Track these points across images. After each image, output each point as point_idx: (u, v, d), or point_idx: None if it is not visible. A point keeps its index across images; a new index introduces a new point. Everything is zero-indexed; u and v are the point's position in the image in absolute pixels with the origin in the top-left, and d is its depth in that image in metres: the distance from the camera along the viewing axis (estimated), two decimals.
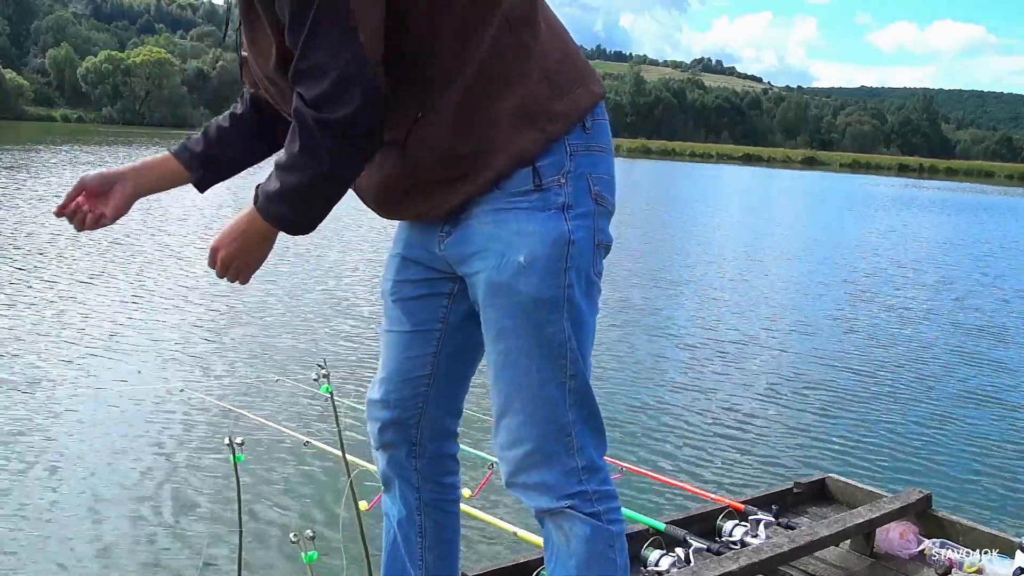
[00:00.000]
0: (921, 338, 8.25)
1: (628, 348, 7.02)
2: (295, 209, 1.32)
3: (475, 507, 2.48)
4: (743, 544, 2.47)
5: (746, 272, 12.14)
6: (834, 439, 5.12)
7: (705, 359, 6.90)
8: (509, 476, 1.47)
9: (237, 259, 1.40)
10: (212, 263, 1.42)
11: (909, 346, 7.86)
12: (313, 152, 1.25)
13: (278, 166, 1.30)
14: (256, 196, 1.35)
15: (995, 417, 5.82)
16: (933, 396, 6.24)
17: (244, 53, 1.44)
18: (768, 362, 6.97)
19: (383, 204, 1.47)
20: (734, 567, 2.07)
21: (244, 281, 1.44)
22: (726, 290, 10.47)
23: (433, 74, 1.32)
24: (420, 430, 1.64)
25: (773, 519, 2.61)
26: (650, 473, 3.39)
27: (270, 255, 1.46)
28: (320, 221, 1.35)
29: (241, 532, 1.97)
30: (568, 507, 1.43)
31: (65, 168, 21.66)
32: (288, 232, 1.36)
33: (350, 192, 1.44)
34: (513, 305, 1.37)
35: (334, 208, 1.36)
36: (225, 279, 1.43)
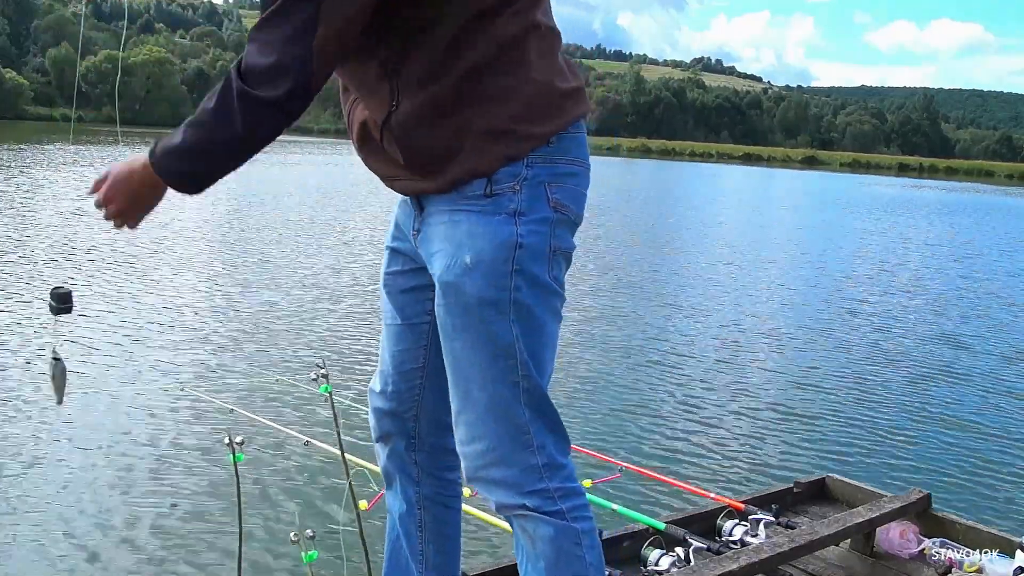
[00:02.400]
0: (922, 338, 8.25)
1: (627, 348, 7.02)
2: (191, 165, 1.35)
3: (475, 506, 2.48)
4: (743, 544, 2.47)
5: (746, 272, 12.14)
6: (834, 439, 5.12)
7: (705, 359, 6.89)
8: (470, 471, 1.50)
9: (120, 203, 1.40)
10: (94, 192, 1.41)
11: (909, 346, 7.85)
12: (226, 116, 1.29)
13: (188, 123, 1.33)
14: (153, 150, 1.35)
15: (996, 417, 5.82)
16: (933, 396, 6.24)
17: None
18: (768, 362, 6.96)
19: (360, 148, 1.52)
20: (734, 567, 2.07)
21: (126, 226, 1.44)
22: (726, 290, 10.46)
23: (414, 71, 1.35)
24: (417, 423, 1.68)
25: (773, 519, 2.61)
26: (650, 473, 3.38)
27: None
28: (207, 186, 1.37)
29: (241, 532, 1.97)
30: (529, 506, 1.45)
31: (67, 167, 21.66)
32: (175, 188, 1.37)
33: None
34: (460, 305, 1.40)
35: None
36: (104, 217, 1.43)
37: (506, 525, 2.50)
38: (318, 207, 16.38)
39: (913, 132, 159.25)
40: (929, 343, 8.03)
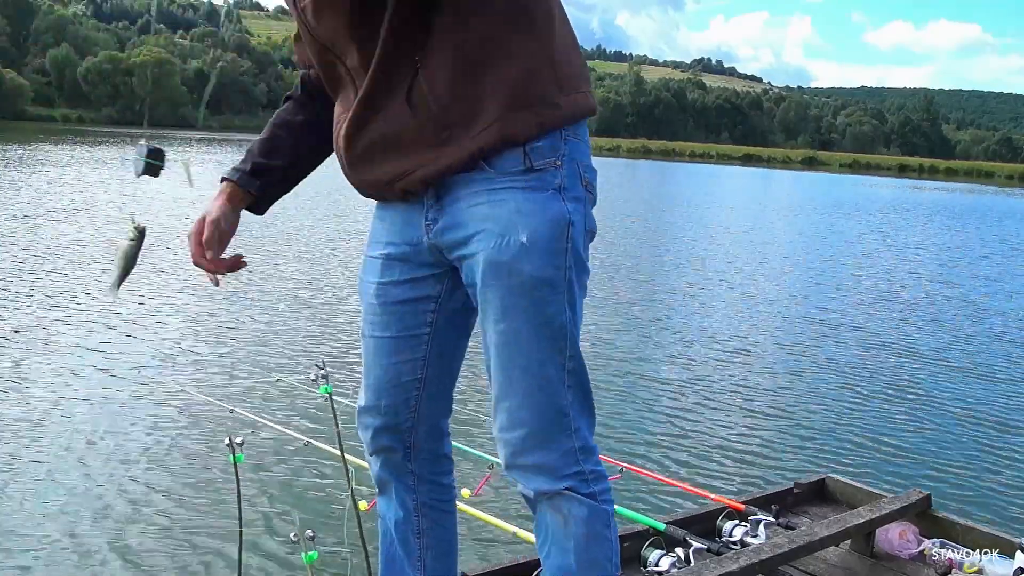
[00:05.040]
0: (921, 338, 8.25)
1: (627, 348, 7.02)
2: None
3: (475, 507, 2.48)
4: (743, 544, 2.47)
5: (746, 273, 12.13)
6: (834, 439, 5.12)
7: (705, 359, 6.89)
8: (509, 458, 1.46)
9: None
10: None
11: (909, 346, 7.85)
12: None
13: None
14: None
15: (996, 417, 5.82)
16: (934, 396, 6.23)
17: (304, 18, 1.42)
18: (768, 362, 6.96)
19: (357, 161, 1.45)
20: (734, 567, 2.07)
21: None
22: (726, 290, 10.46)
23: (437, 19, 1.31)
24: (415, 433, 1.64)
25: (773, 519, 2.61)
26: (650, 473, 3.38)
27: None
28: None
29: (241, 532, 1.97)
30: (567, 488, 1.44)
31: (67, 166, 21.66)
32: None
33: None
34: (515, 285, 1.35)
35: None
36: None
37: (507, 525, 2.51)
38: (318, 207, 16.37)
39: (913, 133, 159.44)
40: (929, 343, 8.02)
